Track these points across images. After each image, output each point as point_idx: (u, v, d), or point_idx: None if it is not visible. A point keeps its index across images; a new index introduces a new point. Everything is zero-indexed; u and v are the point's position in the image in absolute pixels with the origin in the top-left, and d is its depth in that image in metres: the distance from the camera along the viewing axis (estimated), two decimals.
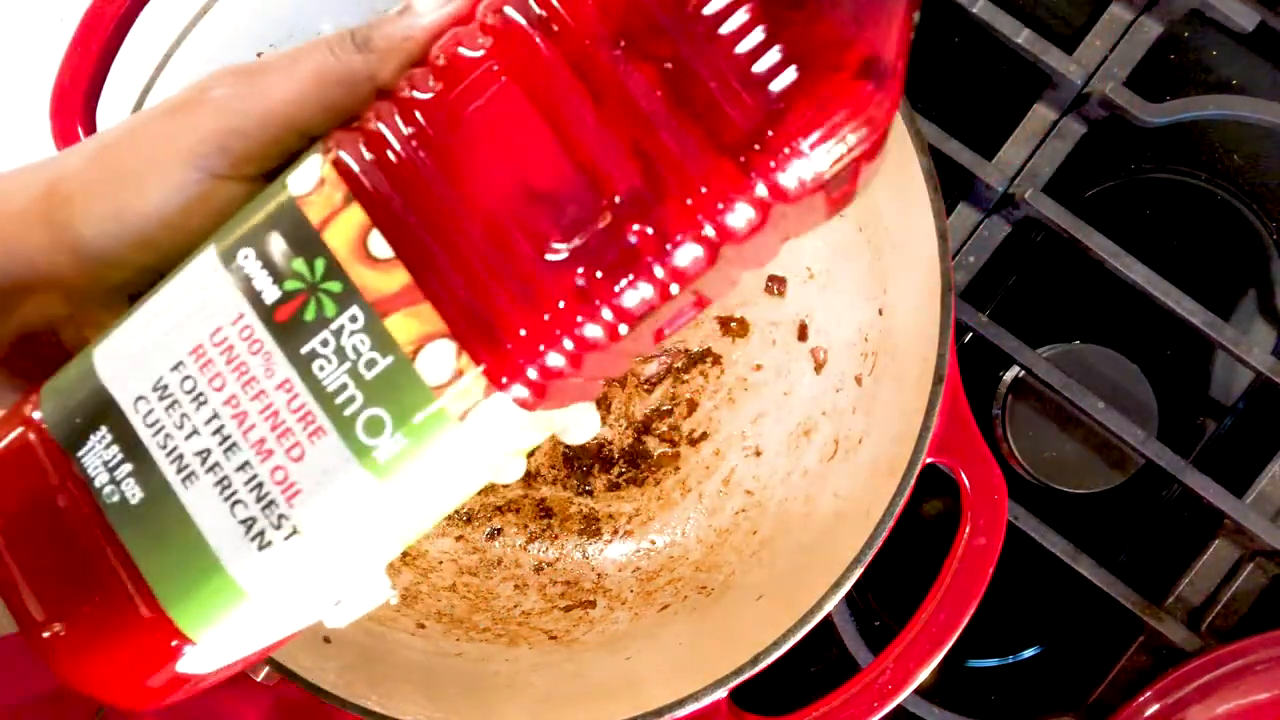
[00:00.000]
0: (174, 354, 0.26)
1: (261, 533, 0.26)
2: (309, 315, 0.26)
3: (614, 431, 0.55)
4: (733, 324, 0.55)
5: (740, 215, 0.25)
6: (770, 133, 0.25)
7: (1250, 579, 0.54)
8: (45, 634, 0.26)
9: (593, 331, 0.26)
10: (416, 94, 0.26)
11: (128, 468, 0.26)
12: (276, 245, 0.26)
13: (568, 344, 0.26)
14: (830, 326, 0.52)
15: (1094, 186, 0.58)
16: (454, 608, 0.52)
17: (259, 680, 0.48)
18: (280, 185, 0.27)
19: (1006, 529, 0.46)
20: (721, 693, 0.43)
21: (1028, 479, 0.55)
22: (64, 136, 0.47)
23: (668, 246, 0.25)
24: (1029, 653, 0.57)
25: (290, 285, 0.26)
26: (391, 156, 0.26)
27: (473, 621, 0.51)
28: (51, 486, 0.26)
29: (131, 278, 0.28)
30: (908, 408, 0.44)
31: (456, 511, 0.54)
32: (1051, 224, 0.53)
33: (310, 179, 0.26)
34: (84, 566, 0.26)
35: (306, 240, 0.26)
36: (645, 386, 0.55)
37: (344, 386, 0.25)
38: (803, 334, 0.54)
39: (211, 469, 0.26)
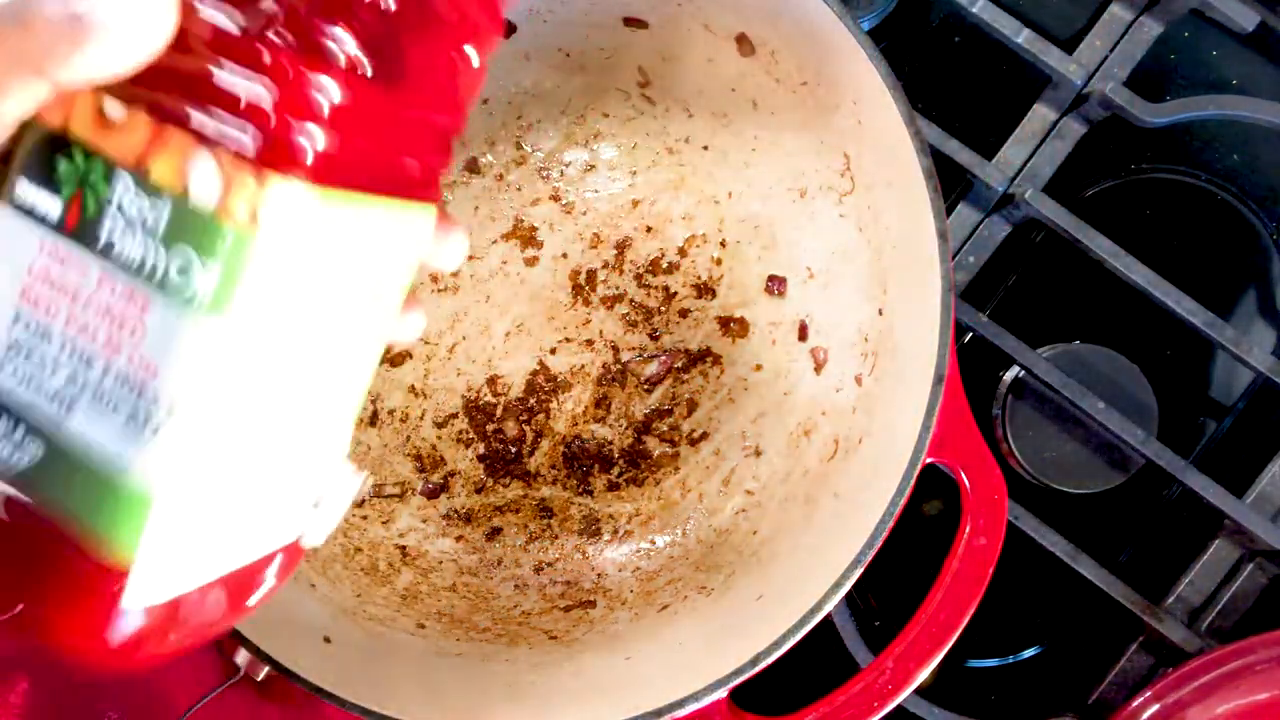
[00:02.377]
0: (9, 309, 0.26)
1: (146, 418, 0.25)
2: (91, 209, 0.26)
3: (614, 431, 0.55)
4: (733, 324, 0.55)
5: None
6: None
7: (1250, 579, 0.54)
8: (11, 615, 0.26)
9: (326, 86, 0.25)
10: None
11: (20, 430, 0.26)
12: (37, 163, 0.26)
13: (312, 106, 0.25)
14: (830, 326, 0.52)
15: (1094, 186, 0.58)
16: (454, 608, 0.52)
17: (259, 680, 0.48)
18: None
19: (1006, 529, 0.46)
20: (721, 693, 0.43)
21: (1028, 479, 0.55)
22: None
23: None
24: (1029, 653, 0.57)
25: (66, 192, 0.26)
26: None
27: (473, 621, 0.51)
28: None
29: None
30: (907, 408, 0.44)
31: (456, 512, 0.54)
32: (1051, 224, 0.53)
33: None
34: (22, 538, 0.26)
35: (59, 143, 0.26)
36: (645, 386, 0.55)
37: (147, 252, 0.25)
38: (803, 334, 0.54)
39: (83, 388, 0.26)
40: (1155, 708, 0.50)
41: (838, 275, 0.52)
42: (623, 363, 0.55)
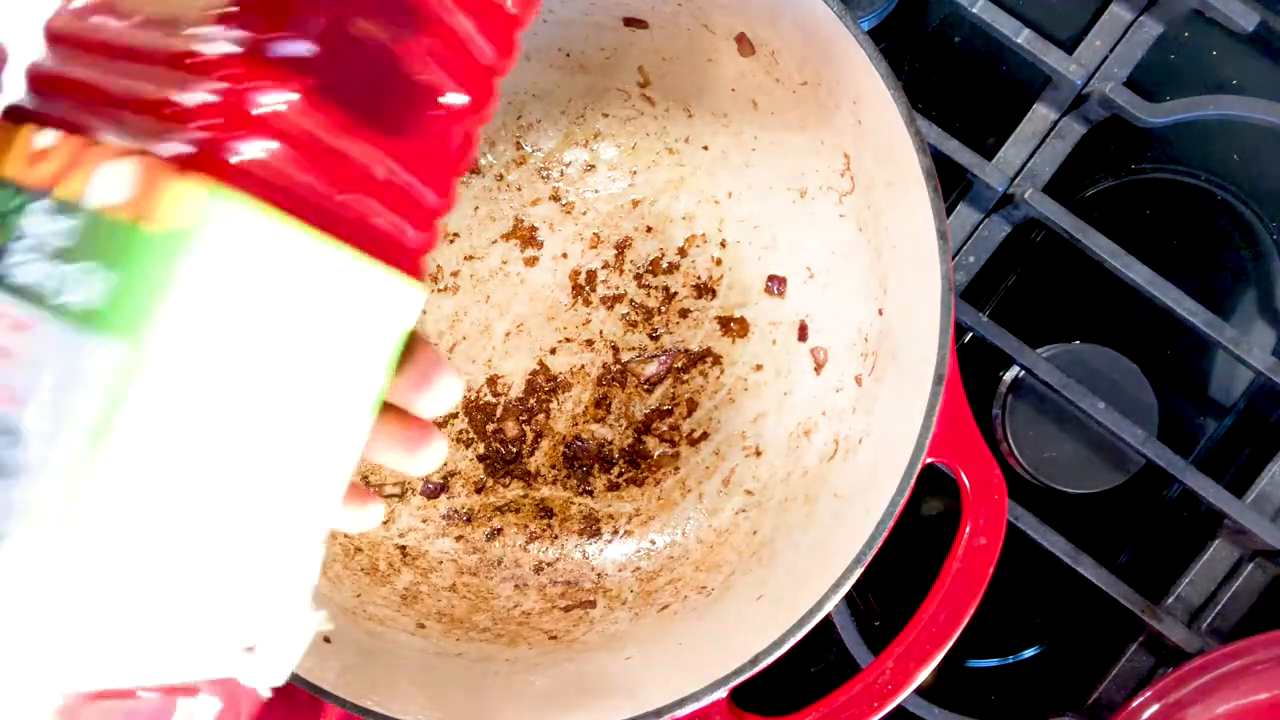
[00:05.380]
0: None
1: (7, 463, 0.20)
2: (3, 241, 0.22)
3: (614, 431, 0.55)
4: (733, 324, 0.55)
5: None
6: None
7: (1250, 579, 0.54)
8: None
9: (276, 96, 0.22)
10: None
11: None
12: None
13: (261, 114, 0.22)
14: (830, 326, 0.52)
15: (1094, 186, 0.58)
16: (454, 608, 0.52)
17: None
18: None
19: (1006, 529, 0.46)
20: (721, 693, 0.43)
21: (1028, 479, 0.55)
22: None
23: None
24: (1029, 653, 0.57)
25: None
26: (42, 68, 0.25)
27: (473, 621, 0.51)
28: None
29: None
30: (908, 408, 0.44)
31: (456, 512, 0.54)
32: (1051, 224, 0.53)
33: None
34: None
35: None
36: (645, 386, 0.55)
37: (45, 275, 0.21)
38: (803, 334, 0.54)
39: None
40: (1155, 708, 0.50)
41: (838, 275, 0.52)
42: (623, 363, 0.55)
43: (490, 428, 0.55)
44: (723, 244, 0.55)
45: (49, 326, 0.21)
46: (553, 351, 0.55)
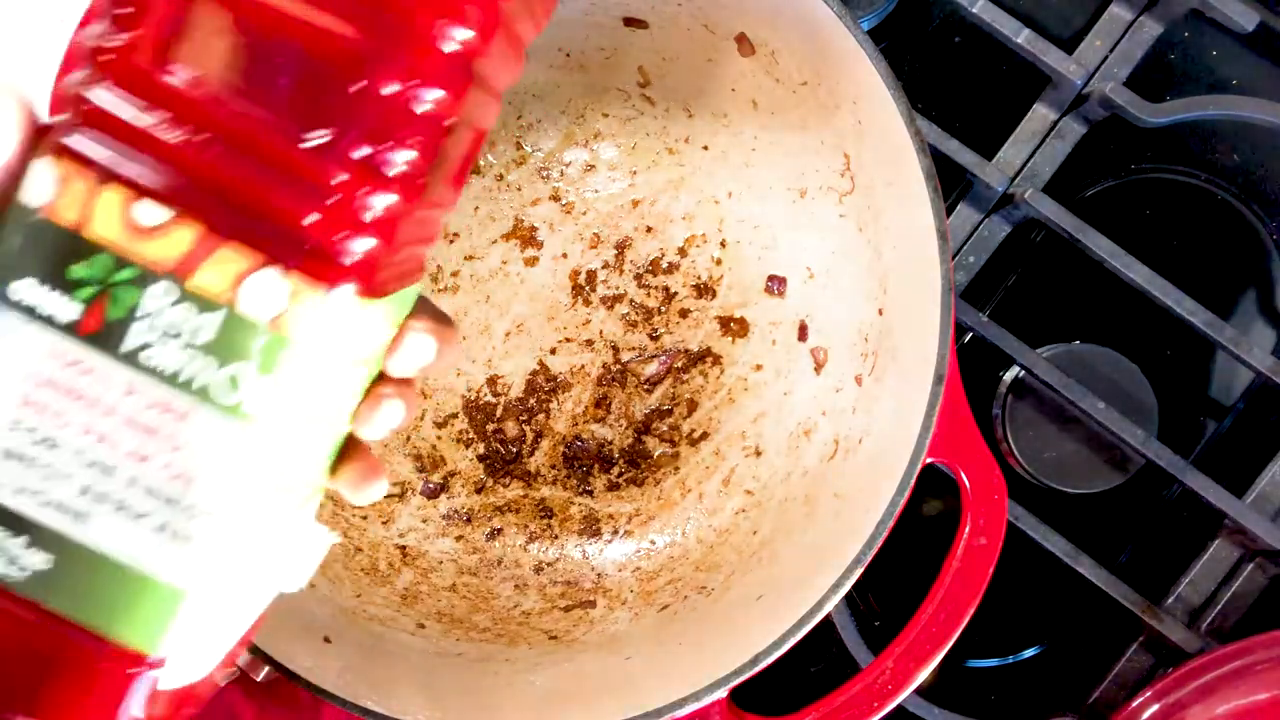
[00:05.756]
0: (5, 417, 0.25)
1: (175, 531, 0.25)
2: (115, 313, 0.25)
3: (614, 431, 0.55)
4: (733, 324, 0.55)
5: (471, 26, 0.25)
6: None
7: (1250, 579, 0.54)
8: None
9: (384, 200, 0.25)
10: (109, 47, 0.25)
11: (18, 542, 0.25)
12: (46, 263, 0.25)
13: (368, 219, 0.25)
14: (830, 326, 0.52)
15: (1094, 186, 0.58)
16: (454, 608, 0.52)
17: (259, 680, 0.48)
18: (18, 208, 0.25)
19: (1006, 529, 0.46)
20: (721, 693, 0.43)
21: (1028, 479, 0.55)
22: None
23: (417, 91, 0.25)
24: (1029, 653, 0.57)
25: (83, 294, 0.24)
26: (125, 120, 0.25)
27: (473, 621, 0.51)
28: None
29: None
30: (908, 408, 0.44)
31: (456, 512, 0.54)
32: (1051, 224, 0.53)
33: (47, 185, 0.25)
34: (25, 651, 0.25)
35: (75, 244, 0.25)
36: (645, 386, 0.55)
37: (185, 361, 0.24)
38: (803, 334, 0.54)
39: (100, 499, 0.25)
40: (1155, 708, 0.50)
41: (838, 275, 0.52)
42: (623, 363, 0.55)
43: (490, 428, 0.55)
44: (723, 244, 0.55)
45: (202, 414, 0.25)
46: (553, 351, 0.55)
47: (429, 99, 0.25)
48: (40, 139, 0.25)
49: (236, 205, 0.25)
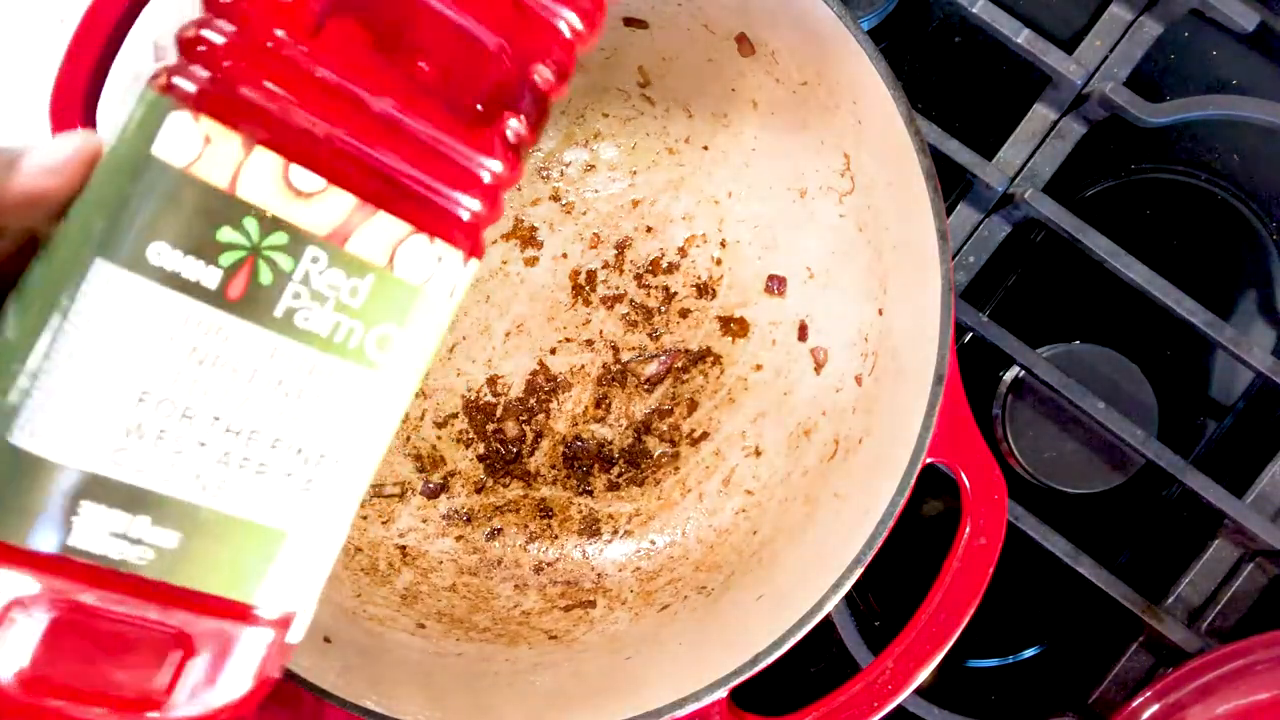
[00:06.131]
0: (133, 389, 0.23)
1: (314, 484, 0.25)
2: (264, 279, 0.24)
3: (614, 431, 0.55)
4: (733, 324, 0.55)
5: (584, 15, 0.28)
6: None
7: (1250, 579, 0.54)
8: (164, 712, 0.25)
9: (505, 171, 0.27)
10: (263, 6, 0.24)
11: (143, 521, 0.23)
12: (190, 225, 0.23)
13: (492, 187, 0.27)
14: (830, 326, 0.52)
15: (1094, 186, 0.58)
16: (454, 608, 0.52)
17: None
18: (148, 161, 0.23)
19: (1006, 529, 0.46)
20: (721, 693, 0.43)
21: (1028, 479, 0.55)
22: None
23: (543, 71, 0.27)
24: (1029, 653, 0.57)
25: (229, 258, 0.23)
26: (272, 86, 0.24)
27: (473, 621, 0.51)
28: (64, 602, 0.23)
29: None
30: (908, 408, 0.44)
31: (456, 512, 0.54)
32: (1051, 224, 0.53)
33: (190, 143, 0.23)
34: (162, 637, 0.24)
35: (223, 206, 0.23)
36: (645, 386, 0.55)
37: (337, 324, 0.25)
38: (803, 334, 0.54)
39: (240, 464, 0.24)
40: (1155, 708, 0.50)
41: (838, 275, 0.52)
42: (623, 363, 0.55)
43: (490, 428, 0.55)
44: (723, 244, 0.55)
45: (351, 370, 0.25)
46: (553, 351, 0.55)
47: (547, 78, 0.27)
48: (166, 91, 0.24)
49: (386, 175, 0.25)
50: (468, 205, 0.27)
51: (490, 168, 0.27)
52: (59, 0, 0.62)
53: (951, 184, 0.56)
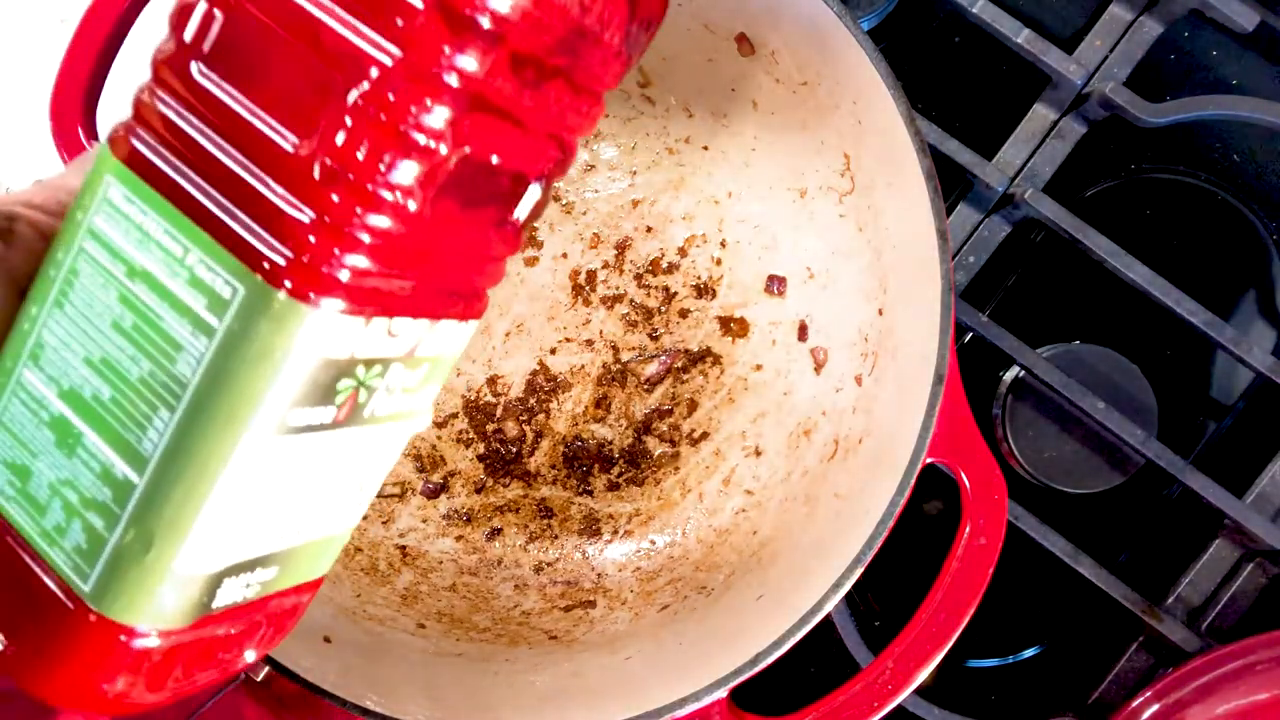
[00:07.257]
0: (269, 507, 0.28)
1: (362, 503, 0.31)
2: (362, 399, 0.28)
3: (614, 431, 0.55)
4: (733, 324, 0.55)
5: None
6: None
7: (1250, 579, 0.54)
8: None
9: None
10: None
11: (259, 574, 0.29)
12: (316, 387, 0.26)
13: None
14: (830, 326, 0.52)
15: (1094, 186, 0.58)
16: (454, 608, 0.52)
17: (259, 680, 0.48)
18: (297, 347, 0.25)
19: (1006, 529, 0.46)
20: (721, 693, 0.43)
21: (1028, 479, 0.55)
22: (64, 137, 0.47)
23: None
24: (1029, 653, 0.57)
25: (341, 397, 0.27)
26: (382, 267, 0.26)
27: (473, 621, 0.51)
28: None
29: None
30: (908, 408, 0.44)
31: (456, 512, 0.54)
32: (1051, 224, 0.53)
33: (320, 333, 0.25)
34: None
35: (344, 367, 0.26)
36: (645, 386, 0.55)
37: (400, 404, 0.29)
38: (803, 334, 0.54)
39: (326, 512, 0.29)
40: (1155, 708, 0.50)
41: (838, 275, 0.52)
42: (623, 363, 0.55)
43: (490, 428, 0.55)
44: (723, 244, 0.55)
45: (401, 429, 0.30)
46: (553, 351, 0.55)
47: (553, 180, 0.30)
48: (301, 298, 0.25)
49: (449, 291, 0.28)
50: (491, 283, 0.30)
51: (509, 254, 0.30)
52: (59, 0, 0.62)
53: (951, 184, 0.56)
